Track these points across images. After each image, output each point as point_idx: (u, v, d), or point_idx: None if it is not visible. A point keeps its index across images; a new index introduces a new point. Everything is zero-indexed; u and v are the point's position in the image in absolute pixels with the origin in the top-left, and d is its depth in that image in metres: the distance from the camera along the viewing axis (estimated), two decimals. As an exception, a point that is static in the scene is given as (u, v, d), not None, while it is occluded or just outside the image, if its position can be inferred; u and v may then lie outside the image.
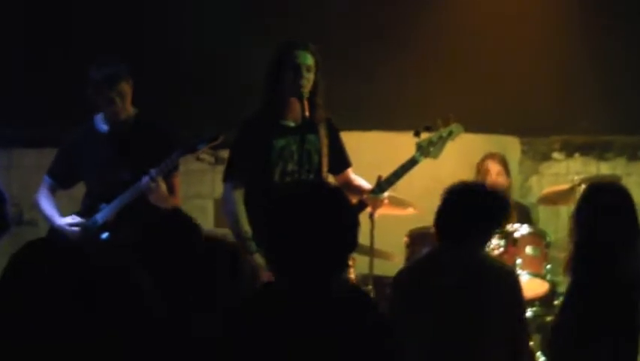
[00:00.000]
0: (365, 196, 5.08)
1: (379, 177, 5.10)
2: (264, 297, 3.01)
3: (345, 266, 3.09)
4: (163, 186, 5.19)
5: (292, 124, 5.10)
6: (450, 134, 5.19)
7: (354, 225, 3.01)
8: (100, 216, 5.31)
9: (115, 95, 5.27)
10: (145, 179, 5.17)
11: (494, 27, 6.96)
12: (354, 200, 5.03)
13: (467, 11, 6.99)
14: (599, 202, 4.21)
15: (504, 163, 6.47)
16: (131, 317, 1.98)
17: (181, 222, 3.45)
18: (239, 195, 5.08)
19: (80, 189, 5.52)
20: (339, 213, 2.99)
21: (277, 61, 5.05)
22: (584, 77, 6.97)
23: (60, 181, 5.53)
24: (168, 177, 5.31)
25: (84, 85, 5.34)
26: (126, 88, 5.31)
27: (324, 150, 5.12)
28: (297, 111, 5.05)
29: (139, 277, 2.04)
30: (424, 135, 5.17)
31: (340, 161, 5.27)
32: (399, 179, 5.09)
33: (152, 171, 5.16)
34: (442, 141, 5.19)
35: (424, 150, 5.15)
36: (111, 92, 5.27)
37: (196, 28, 6.83)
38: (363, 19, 6.98)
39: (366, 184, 5.22)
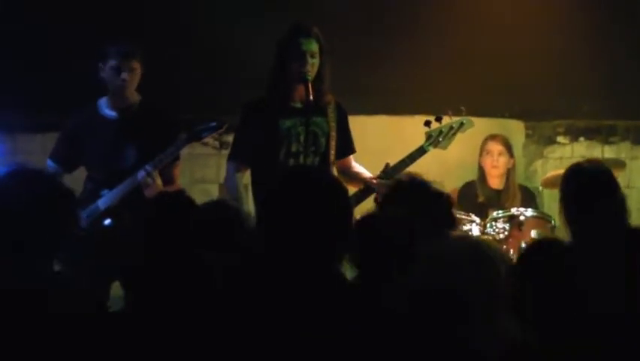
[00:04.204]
0: (375, 181, 5.10)
1: (387, 165, 5.12)
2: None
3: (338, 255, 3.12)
4: (158, 181, 5.20)
5: (299, 105, 5.13)
6: (461, 126, 5.26)
7: (345, 214, 3.06)
8: (102, 202, 5.31)
9: (127, 70, 5.27)
10: (141, 173, 5.19)
11: (498, 11, 6.95)
12: (354, 187, 5.07)
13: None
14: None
15: (506, 144, 6.45)
16: None
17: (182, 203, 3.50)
18: (241, 177, 5.15)
19: (81, 171, 5.51)
20: (331, 201, 3.04)
21: (282, 49, 5.10)
22: (589, 61, 6.96)
23: (63, 165, 5.51)
24: (169, 166, 5.31)
25: (89, 69, 5.34)
26: (137, 66, 5.32)
27: (333, 134, 5.16)
28: (302, 94, 5.09)
29: None
30: (435, 125, 5.22)
31: (344, 145, 5.28)
32: (406, 167, 5.12)
33: (148, 166, 5.18)
34: (451, 132, 5.25)
35: (434, 140, 5.23)
36: (123, 66, 5.27)
37: (203, 13, 6.83)
38: (367, 4, 6.98)
39: (365, 171, 5.24)
